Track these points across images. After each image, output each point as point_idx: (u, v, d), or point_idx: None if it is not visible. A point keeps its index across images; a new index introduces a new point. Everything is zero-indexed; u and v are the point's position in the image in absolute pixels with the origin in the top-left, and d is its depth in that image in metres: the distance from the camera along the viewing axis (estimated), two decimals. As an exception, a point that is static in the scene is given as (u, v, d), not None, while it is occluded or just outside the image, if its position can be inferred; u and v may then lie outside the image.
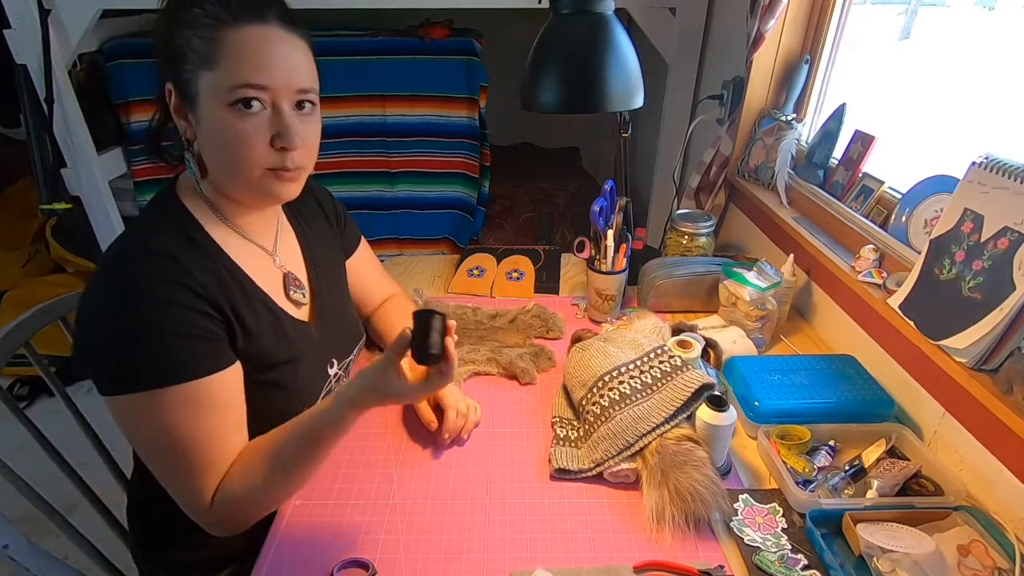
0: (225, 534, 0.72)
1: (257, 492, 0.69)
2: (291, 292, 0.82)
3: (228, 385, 0.70)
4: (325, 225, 0.95)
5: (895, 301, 0.90)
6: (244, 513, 0.71)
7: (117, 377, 0.65)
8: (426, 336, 0.67)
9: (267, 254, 0.81)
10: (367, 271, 1.04)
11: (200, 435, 0.67)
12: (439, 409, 0.90)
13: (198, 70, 0.65)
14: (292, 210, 0.89)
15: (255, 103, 0.66)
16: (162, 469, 0.69)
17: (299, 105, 0.69)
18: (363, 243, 1.04)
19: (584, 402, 0.88)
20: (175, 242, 0.69)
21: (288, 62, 0.67)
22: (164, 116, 0.73)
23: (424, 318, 0.67)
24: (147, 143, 0.77)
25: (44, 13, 1.47)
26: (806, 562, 0.69)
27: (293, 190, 0.74)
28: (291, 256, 0.86)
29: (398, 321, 1.03)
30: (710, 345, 0.98)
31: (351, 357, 0.94)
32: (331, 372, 0.87)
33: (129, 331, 0.64)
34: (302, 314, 0.84)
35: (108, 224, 1.77)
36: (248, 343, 0.73)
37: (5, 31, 1.49)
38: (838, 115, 1.21)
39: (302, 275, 0.86)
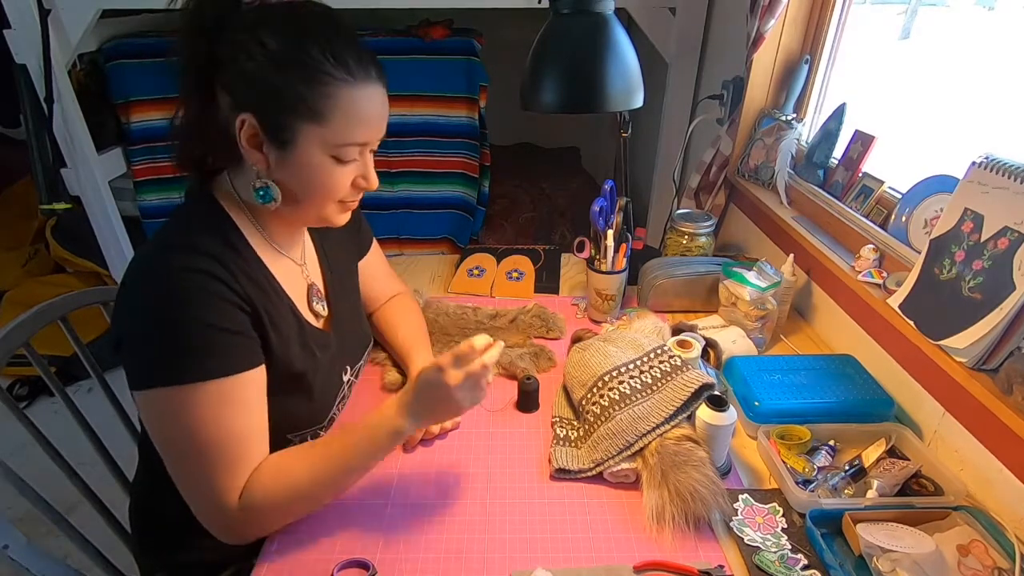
0: (236, 541, 0.71)
1: (295, 500, 0.70)
2: (313, 303, 0.83)
3: (257, 385, 0.70)
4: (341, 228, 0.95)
5: (895, 301, 0.90)
6: (269, 519, 0.72)
7: (158, 369, 0.64)
8: None
9: (296, 265, 0.82)
10: (377, 272, 1.05)
11: (230, 433, 0.67)
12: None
13: (303, 121, 0.65)
14: None
15: (354, 154, 0.70)
16: (186, 468, 0.68)
17: (375, 147, 0.74)
18: (375, 244, 1.05)
19: (584, 402, 0.88)
20: (218, 244, 0.70)
21: (383, 118, 0.71)
22: (198, 112, 0.70)
23: None
24: (181, 162, 0.74)
25: (44, 13, 1.47)
26: (806, 562, 0.69)
27: (348, 217, 0.79)
28: (312, 266, 0.87)
29: (397, 321, 1.03)
30: (710, 345, 0.98)
31: (361, 362, 0.95)
32: (345, 379, 0.88)
33: (175, 324, 0.64)
34: (320, 324, 0.85)
35: (108, 224, 1.77)
36: (279, 347, 0.74)
37: (5, 31, 1.49)
38: (838, 115, 1.21)
39: (321, 285, 0.87)
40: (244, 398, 0.68)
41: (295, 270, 0.82)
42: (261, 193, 0.70)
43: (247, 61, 0.64)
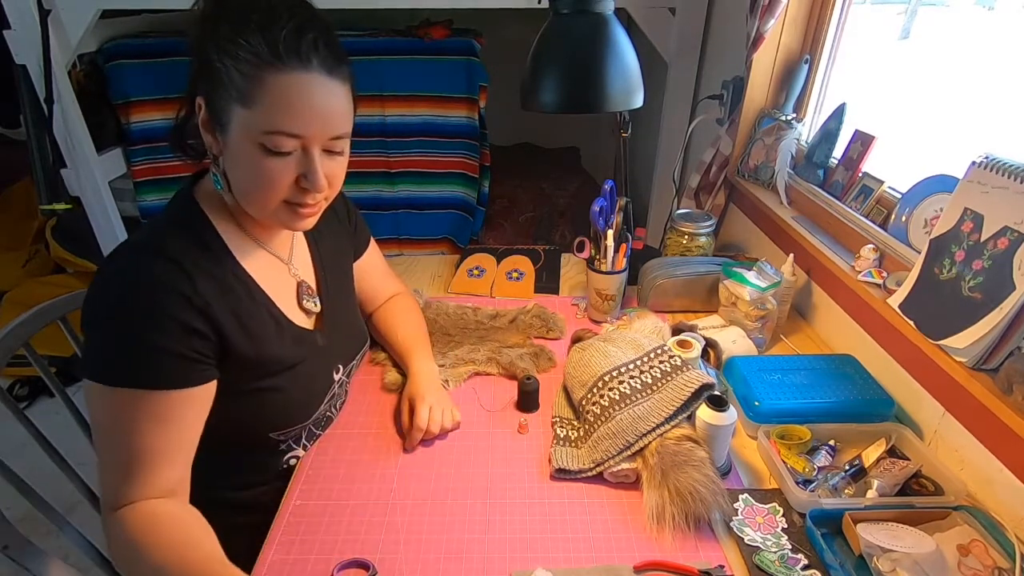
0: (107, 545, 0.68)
1: (133, 564, 0.65)
2: (304, 301, 0.83)
3: (189, 404, 0.68)
4: (338, 226, 0.95)
5: (895, 301, 0.90)
6: (117, 552, 0.67)
7: (94, 363, 0.65)
8: None
9: (282, 263, 0.82)
10: (374, 272, 1.05)
11: (140, 445, 0.65)
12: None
13: (233, 103, 0.64)
14: None
15: (286, 147, 0.65)
16: (100, 457, 0.67)
17: (330, 147, 0.69)
18: (372, 244, 1.04)
19: (584, 402, 0.88)
20: (185, 245, 0.69)
21: (325, 112, 0.66)
22: (189, 114, 0.72)
23: None
24: (171, 140, 0.76)
25: (44, 13, 1.47)
26: (806, 562, 0.69)
27: (309, 223, 0.74)
28: (304, 264, 0.86)
29: (397, 321, 1.03)
30: (710, 345, 0.97)
31: (355, 362, 0.95)
32: (336, 377, 0.88)
33: (114, 326, 0.65)
34: (310, 322, 0.84)
35: (108, 224, 1.77)
36: (249, 347, 0.73)
37: (5, 31, 1.48)
38: (838, 115, 1.21)
39: (313, 282, 0.86)
40: (164, 415, 0.66)
41: (280, 268, 0.81)
42: (214, 179, 0.72)
43: (204, 46, 0.64)
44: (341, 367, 0.90)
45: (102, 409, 0.66)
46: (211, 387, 0.71)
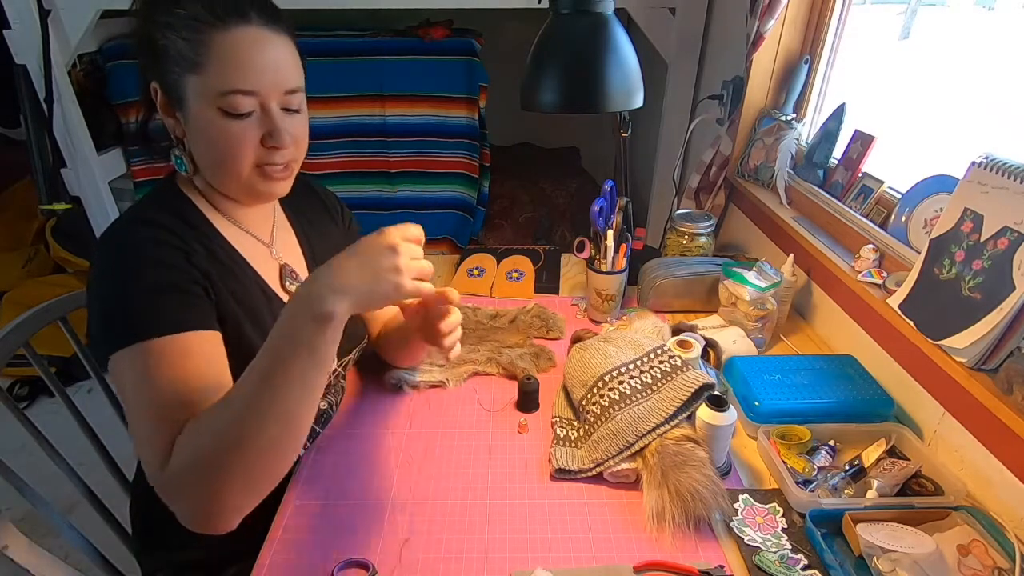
0: (184, 513, 0.59)
1: (216, 446, 0.56)
2: (287, 283, 0.83)
3: (211, 343, 0.66)
4: (332, 226, 0.95)
5: (895, 301, 0.90)
6: (195, 477, 0.58)
7: (105, 335, 0.64)
8: None
9: (264, 245, 0.82)
10: None
11: (171, 386, 0.61)
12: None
13: (184, 73, 0.65)
14: (294, 210, 0.89)
15: (245, 107, 0.66)
16: (136, 431, 0.63)
17: (287, 103, 0.70)
18: None
19: (584, 402, 0.88)
20: (172, 218, 0.70)
21: (275, 63, 0.67)
22: (149, 111, 0.73)
23: None
24: (136, 139, 0.77)
25: (44, 13, 1.47)
26: (806, 562, 0.69)
27: (283, 188, 0.75)
28: (287, 249, 0.86)
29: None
30: (710, 345, 0.98)
31: (350, 357, 0.94)
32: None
33: (111, 287, 0.65)
34: None
35: (108, 224, 1.77)
36: (247, 321, 0.73)
37: (5, 31, 1.49)
38: (838, 115, 1.21)
39: (300, 270, 0.86)
40: (193, 351, 0.63)
41: (262, 250, 0.81)
42: (177, 163, 0.72)
43: (147, 30, 0.65)
44: (335, 358, 0.89)
45: (124, 378, 0.63)
46: (220, 338, 0.69)
